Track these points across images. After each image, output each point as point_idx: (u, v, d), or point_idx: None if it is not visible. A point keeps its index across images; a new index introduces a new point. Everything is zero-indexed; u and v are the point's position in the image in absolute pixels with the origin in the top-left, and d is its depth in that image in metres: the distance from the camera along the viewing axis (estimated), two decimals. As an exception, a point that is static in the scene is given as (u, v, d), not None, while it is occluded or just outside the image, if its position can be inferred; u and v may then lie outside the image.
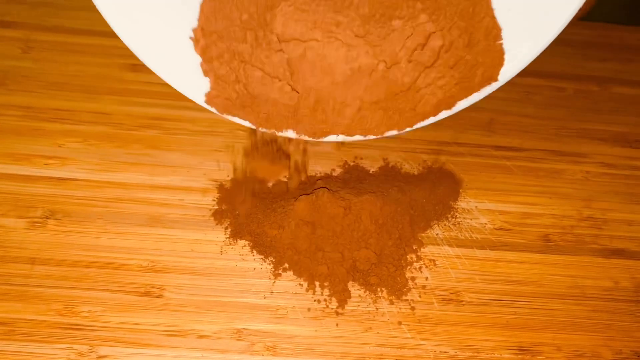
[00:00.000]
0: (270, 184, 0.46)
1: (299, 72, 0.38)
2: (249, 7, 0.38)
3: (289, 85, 0.38)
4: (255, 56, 0.38)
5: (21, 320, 0.38)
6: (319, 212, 0.41)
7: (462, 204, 0.47)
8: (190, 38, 0.39)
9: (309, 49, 0.37)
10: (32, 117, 0.49)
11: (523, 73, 0.42)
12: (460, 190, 0.47)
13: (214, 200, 0.45)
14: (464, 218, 0.46)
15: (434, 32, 0.36)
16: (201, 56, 0.39)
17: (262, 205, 0.43)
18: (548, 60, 0.44)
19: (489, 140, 0.52)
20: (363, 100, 0.38)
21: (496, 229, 0.46)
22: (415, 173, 0.48)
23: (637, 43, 0.63)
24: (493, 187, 0.48)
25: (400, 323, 0.40)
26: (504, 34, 0.38)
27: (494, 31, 0.38)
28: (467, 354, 0.39)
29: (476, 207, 0.47)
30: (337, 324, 0.40)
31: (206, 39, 0.38)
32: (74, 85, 0.52)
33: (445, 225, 0.45)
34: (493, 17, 0.38)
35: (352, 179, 0.46)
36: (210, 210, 0.44)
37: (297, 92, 0.38)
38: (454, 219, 0.46)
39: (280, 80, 0.38)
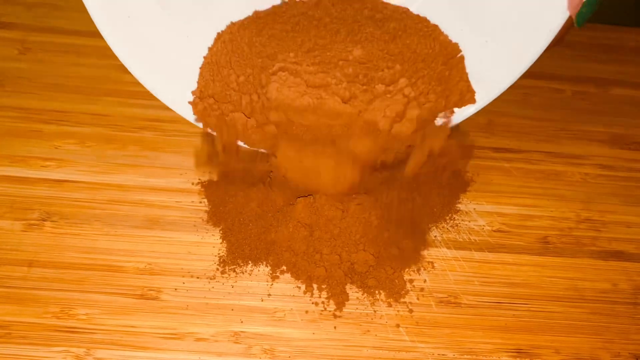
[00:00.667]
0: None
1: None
2: (246, 69, 0.41)
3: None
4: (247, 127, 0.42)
5: (17, 323, 0.38)
6: (316, 215, 0.41)
7: (460, 205, 0.47)
8: (189, 102, 0.43)
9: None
10: (29, 119, 0.49)
11: (522, 74, 0.42)
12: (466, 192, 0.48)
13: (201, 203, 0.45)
14: (462, 220, 0.46)
15: (411, 102, 0.39)
16: (198, 117, 0.43)
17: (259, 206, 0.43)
18: (546, 61, 0.44)
19: (488, 141, 0.52)
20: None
21: (494, 231, 0.46)
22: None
23: (636, 45, 0.63)
24: (491, 188, 0.48)
25: (398, 326, 0.40)
26: (480, 66, 0.42)
27: (468, 95, 0.42)
28: (465, 356, 0.39)
29: (474, 209, 0.47)
30: (335, 327, 0.39)
31: (204, 102, 0.42)
32: (71, 87, 0.52)
33: (443, 227, 0.45)
34: (467, 81, 0.42)
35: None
36: (206, 212, 0.44)
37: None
38: (452, 221, 0.46)
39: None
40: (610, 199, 0.49)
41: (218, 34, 0.44)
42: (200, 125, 0.43)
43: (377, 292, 0.41)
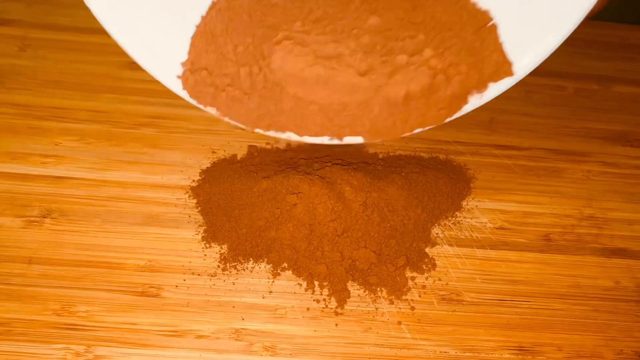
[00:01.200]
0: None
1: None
2: (245, 38, 0.37)
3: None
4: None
5: (17, 320, 0.37)
6: (317, 212, 0.41)
7: (462, 202, 0.47)
8: (177, 76, 0.37)
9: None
10: (29, 116, 0.49)
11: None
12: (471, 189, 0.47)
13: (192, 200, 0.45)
14: (464, 217, 0.46)
15: (439, 75, 0.35)
16: (189, 93, 0.38)
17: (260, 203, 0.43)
18: (548, 58, 0.43)
19: (490, 139, 0.52)
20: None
21: (497, 228, 0.45)
22: (417, 170, 0.47)
23: (638, 42, 0.63)
24: (493, 186, 0.48)
25: (400, 323, 0.40)
26: (514, 33, 0.36)
27: (504, 66, 0.36)
28: (467, 354, 0.39)
29: (476, 206, 0.47)
30: (336, 324, 0.39)
31: (195, 76, 0.37)
32: (71, 84, 0.52)
33: (445, 224, 0.45)
34: (502, 51, 0.36)
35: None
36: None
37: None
38: (454, 218, 0.46)
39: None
40: (612, 196, 0.49)
41: (213, 1, 0.37)
42: (193, 101, 0.39)
43: (378, 289, 0.41)
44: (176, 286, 0.40)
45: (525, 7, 0.36)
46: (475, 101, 0.37)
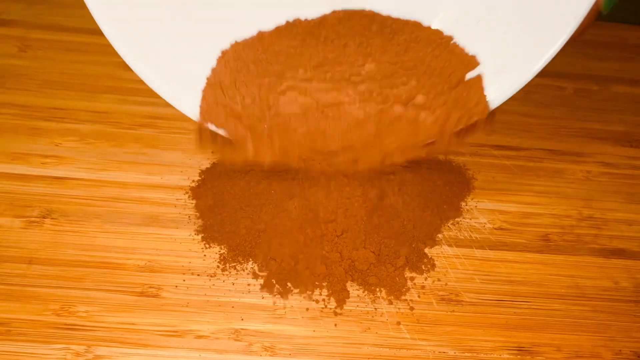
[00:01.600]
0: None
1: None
2: (252, 89, 0.38)
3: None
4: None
5: (17, 320, 0.37)
6: (317, 212, 0.41)
7: (461, 203, 0.47)
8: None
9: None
10: (29, 116, 0.49)
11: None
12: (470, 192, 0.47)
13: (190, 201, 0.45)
14: (464, 218, 0.46)
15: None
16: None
17: (258, 204, 0.43)
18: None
19: (489, 139, 0.52)
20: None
21: (496, 228, 0.46)
22: (416, 171, 0.47)
23: (638, 42, 0.63)
24: (493, 186, 0.48)
25: (399, 323, 0.40)
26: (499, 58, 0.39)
27: (485, 111, 0.39)
28: (466, 354, 0.39)
29: (476, 206, 0.47)
30: (335, 324, 0.39)
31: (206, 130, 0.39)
32: (71, 84, 0.52)
33: (444, 225, 0.45)
34: (486, 102, 0.38)
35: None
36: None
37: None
38: (453, 219, 0.46)
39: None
40: (611, 196, 0.49)
41: (222, 52, 0.41)
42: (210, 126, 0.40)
43: (377, 289, 0.41)
44: (176, 286, 0.40)
45: (511, 32, 0.39)
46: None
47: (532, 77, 0.38)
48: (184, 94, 0.40)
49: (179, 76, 0.40)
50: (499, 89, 0.38)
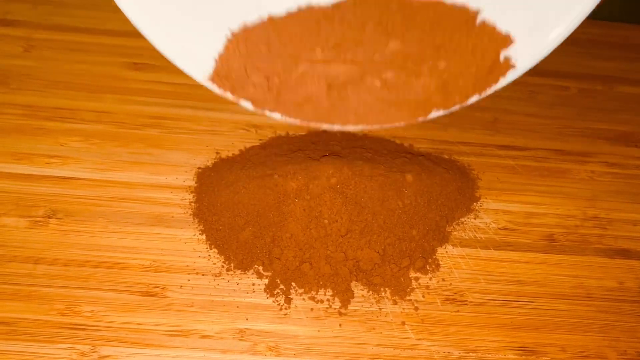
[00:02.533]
0: None
1: None
2: (265, 73, 0.38)
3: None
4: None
5: (23, 320, 0.38)
6: (321, 212, 0.41)
7: (469, 204, 0.47)
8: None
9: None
10: (34, 116, 0.49)
11: (527, 72, 0.42)
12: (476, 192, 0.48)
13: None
14: (468, 218, 0.46)
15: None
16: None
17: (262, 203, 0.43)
18: (552, 59, 0.43)
19: (493, 139, 0.52)
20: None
21: (500, 228, 0.46)
22: (422, 170, 0.47)
23: (642, 42, 0.62)
24: (497, 186, 0.48)
25: (403, 323, 0.40)
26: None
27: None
28: (470, 354, 0.39)
29: (480, 206, 0.47)
30: (340, 324, 0.39)
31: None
32: (76, 84, 0.52)
33: (449, 225, 0.45)
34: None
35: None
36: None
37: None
38: (457, 219, 0.46)
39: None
40: (616, 196, 0.49)
41: (228, 38, 0.38)
42: (216, 90, 0.39)
43: (382, 289, 0.41)
44: (180, 286, 0.40)
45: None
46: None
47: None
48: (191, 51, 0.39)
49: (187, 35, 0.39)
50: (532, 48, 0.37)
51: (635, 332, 0.41)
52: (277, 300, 0.40)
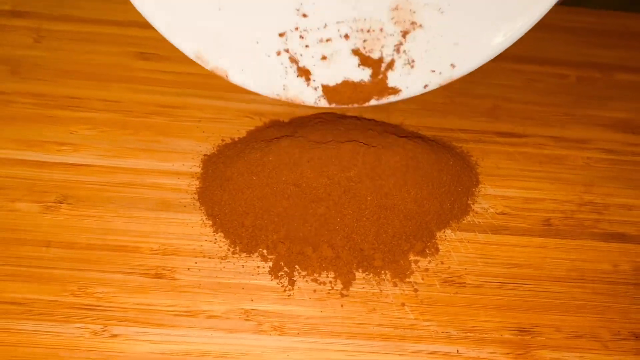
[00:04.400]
0: None
1: None
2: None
3: None
4: None
5: (38, 300, 0.39)
6: (323, 196, 0.42)
7: (466, 189, 0.47)
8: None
9: None
10: (45, 105, 0.50)
11: (526, 60, 0.42)
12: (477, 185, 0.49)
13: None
14: (467, 203, 0.47)
15: None
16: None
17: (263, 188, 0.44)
18: (550, 47, 0.44)
19: (492, 126, 0.53)
20: None
21: (498, 213, 0.47)
22: (424, 156, 0.48)
23: (641, 30, 0.63)
24: (495, 172, 0.49)
25: (403, 304, 0.41)
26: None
27: None
28: (468, 334, 0.40)
29: (479, 191, 0.48)
30: (342, 305, 0.40)
31: None
32: (85, 74, 0.53)
33: (449, 209, 0.46)
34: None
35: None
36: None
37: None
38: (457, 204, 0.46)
39: None
40: (612, 182, 0.49)
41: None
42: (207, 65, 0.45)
43: (382, 272, 0.42)
44: (188, 269, 0.41)
45: None
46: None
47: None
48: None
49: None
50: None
51: (628, 313, 0.42)
52: (281, 282, 0.41)
